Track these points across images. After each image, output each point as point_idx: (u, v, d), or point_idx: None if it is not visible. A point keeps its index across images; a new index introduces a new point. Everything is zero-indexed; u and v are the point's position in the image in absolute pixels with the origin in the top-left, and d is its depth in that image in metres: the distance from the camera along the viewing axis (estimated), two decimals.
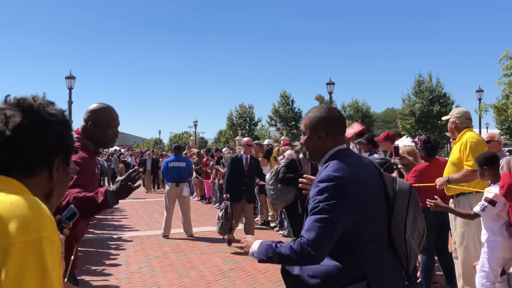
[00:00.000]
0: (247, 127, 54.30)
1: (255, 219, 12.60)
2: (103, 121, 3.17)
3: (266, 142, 13.64)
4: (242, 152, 9.24)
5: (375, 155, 7.61)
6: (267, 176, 7.59)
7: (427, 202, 4.63)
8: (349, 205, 2.22)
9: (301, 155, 7.19)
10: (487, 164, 4.60)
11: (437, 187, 5.32)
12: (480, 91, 31.99)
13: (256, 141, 13.02)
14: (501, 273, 4.64)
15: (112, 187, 2.77)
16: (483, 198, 4.70)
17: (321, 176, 2.33)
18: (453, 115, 5.60)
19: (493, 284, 4.68)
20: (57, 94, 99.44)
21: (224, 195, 9.07)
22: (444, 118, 5.98)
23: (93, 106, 3.27)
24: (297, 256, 2.21)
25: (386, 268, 2.34)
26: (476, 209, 4.68)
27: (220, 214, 8.88)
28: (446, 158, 6.02)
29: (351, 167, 2.32)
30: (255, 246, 2.37)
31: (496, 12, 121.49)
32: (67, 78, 25.26)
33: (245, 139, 9.77)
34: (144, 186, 23.14)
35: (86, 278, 6.97)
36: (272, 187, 7.46)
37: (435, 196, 4.76)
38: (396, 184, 2.47)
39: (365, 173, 2.39)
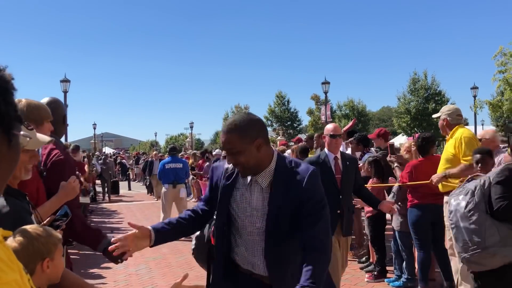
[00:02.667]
0: None
1: None
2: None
3: None
4: (326, 150, 5.15)
5: (367, 155, 7.62)
6: (459, 203, 3.66)
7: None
8: None
9: None
10: (481, 160, 4.62)
11: (433, 183, 5.34)
12: (475, 88, 32.13)
13: None
14: None
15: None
16: None
17: None
18: (444, 112, 5.63)
19: None
20: None
21: None
22: (434, 116, 6.02)
23: (52, 99, 3.28)
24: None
25: None
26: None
27: None
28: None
29: None
30: None
31: (490, 10, 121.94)
32: (62, 81, 25.23)
33: (329, 126, 5.24)
34: (151, 192, 20.10)
35: None
36: (475, 227, 3.45)
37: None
38: None
39: None
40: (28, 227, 1.96)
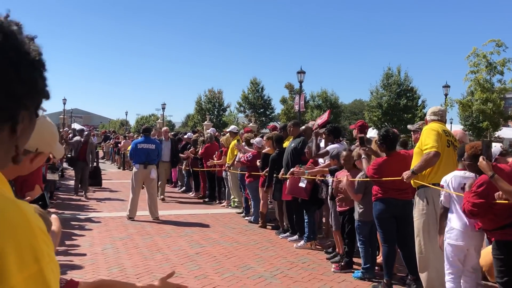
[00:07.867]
0: (215, 112, 54.03)
1: (222, 204, 12.60)
2: None
3: (231, 127, 13.08)
4: None
5: (336, 145, 7.75)
6: None
7: None
8: None
9: None
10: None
11: (405, 180, 5.46)
12: (446, 86, 32.60)
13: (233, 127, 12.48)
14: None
15: None
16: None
17: None
18: (427, 113, 6.01)
19: (459, 276, 4.87)
20: None
21: None
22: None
23: None
24: None
25: None
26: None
27: None
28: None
29: None
30: None
31: (465, 10, 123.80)
32: None
33: None
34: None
35: None
36: None
37: None
38: None
39: None
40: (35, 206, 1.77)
